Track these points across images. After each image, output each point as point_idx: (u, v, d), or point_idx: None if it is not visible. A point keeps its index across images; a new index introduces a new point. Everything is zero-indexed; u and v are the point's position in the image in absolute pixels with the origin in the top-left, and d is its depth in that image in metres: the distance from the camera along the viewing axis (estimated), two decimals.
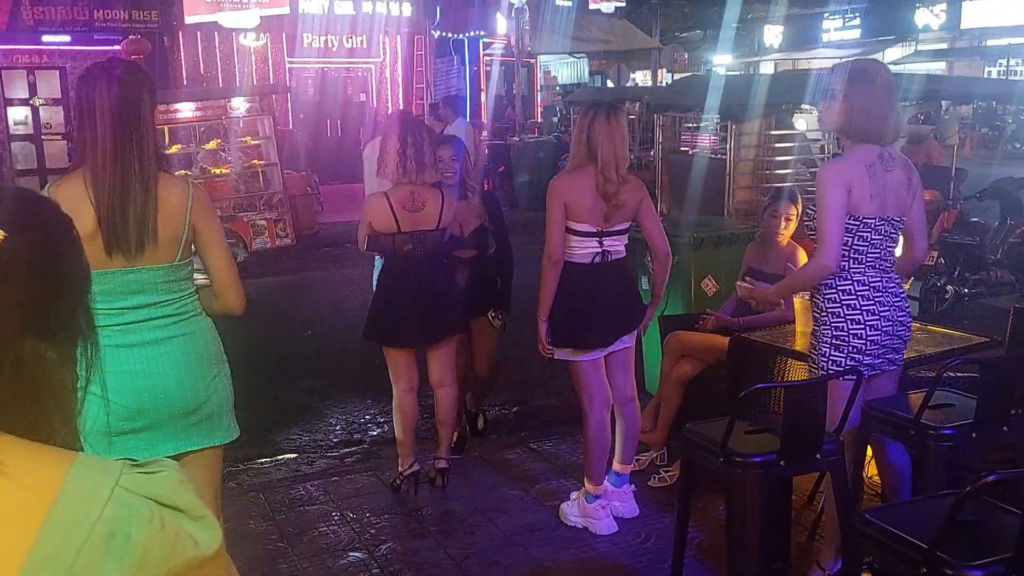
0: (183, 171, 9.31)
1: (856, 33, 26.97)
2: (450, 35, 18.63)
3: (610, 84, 26.45)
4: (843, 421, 3.07)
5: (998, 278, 7.69)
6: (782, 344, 3.86)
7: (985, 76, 22.62)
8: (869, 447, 3.37)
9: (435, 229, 4.07)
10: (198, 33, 15.24)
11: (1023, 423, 3.09)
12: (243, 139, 10.79)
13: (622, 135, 3.67)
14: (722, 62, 28.88)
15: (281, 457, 4.96)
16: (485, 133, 17.01)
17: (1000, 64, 24.64)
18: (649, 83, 23.50)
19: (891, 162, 3.07)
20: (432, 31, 17.99)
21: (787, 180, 6.98)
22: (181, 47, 15.20)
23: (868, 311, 3.06)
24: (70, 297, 0.92)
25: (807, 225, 3.38)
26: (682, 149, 9.60)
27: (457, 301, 4.25)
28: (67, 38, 14.44)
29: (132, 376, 2.36)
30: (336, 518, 4.03)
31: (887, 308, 3.10)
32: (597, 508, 3.84)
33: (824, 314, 3.11)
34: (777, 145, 7.36)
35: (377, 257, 4.34)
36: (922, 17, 24.84)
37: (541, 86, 23.63)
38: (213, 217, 2.55)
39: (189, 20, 14.84)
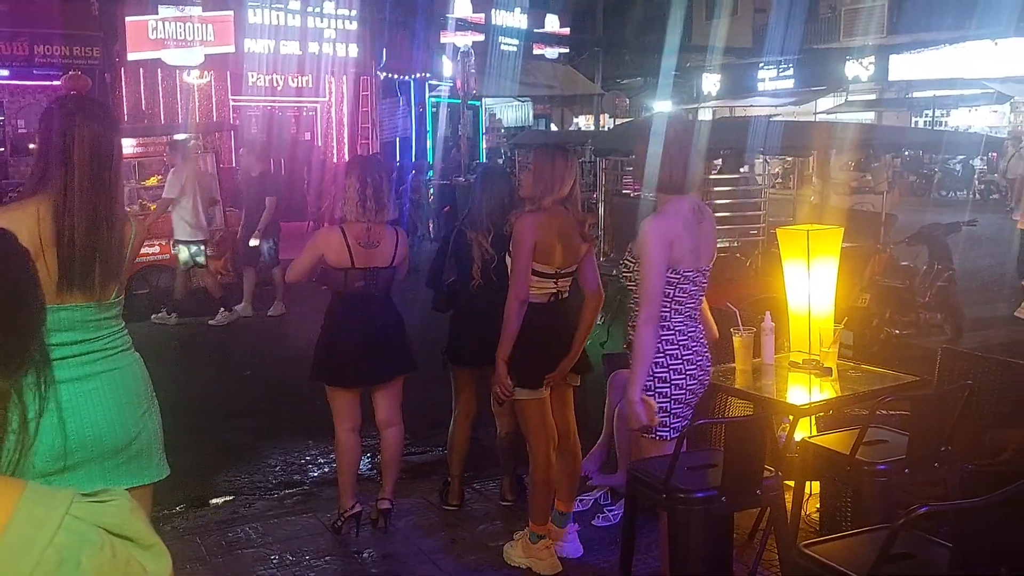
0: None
1: (790, 83, 27.90)
2: (396, 76, 18.75)
3: (554, 127, 26.88)
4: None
5: (927, 320, 7.93)
6: (723, 382, 3.93)
7: (913, 126, 23.53)
8: (806, 484, 3.44)
9: (388, 266, 4.07)
10: (141, 70, 15.09)
11: (953, 459, 3.19)
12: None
13: (577, 178, 3.76)
14: (662, 108, 29.52)
15: (218, 499, 4.86)
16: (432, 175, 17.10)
17: (926, 115, 25.67)
18: (592, 127, 23.93)
19: (701, 214, 3.17)
20: (378, 72, 18.09)
21: (727, 222, 7.15)
22: (123, 84, 15.02)
23: (688, 360, 3.15)
24: (24, 329, 0.92)
25: (626, 276, 3.44)
26: (624, 192, 9.76)
27: (406, 340, 4.24)
28: (5, 72, 14.18)
29: (59, 414, 2.30)
30: (274, 561, 3.95)
31: (700, 357, 3.20)
32: (541, 548, 3.83)
33: (654, 367, 3.13)
34: (716, 189, 7.55)
35: None
36: (852, 69, 25.81)
37: (486, 128, 23.88)
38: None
39: (132, 57, 14.70)
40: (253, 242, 9.07)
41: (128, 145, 10.65)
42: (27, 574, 0.78)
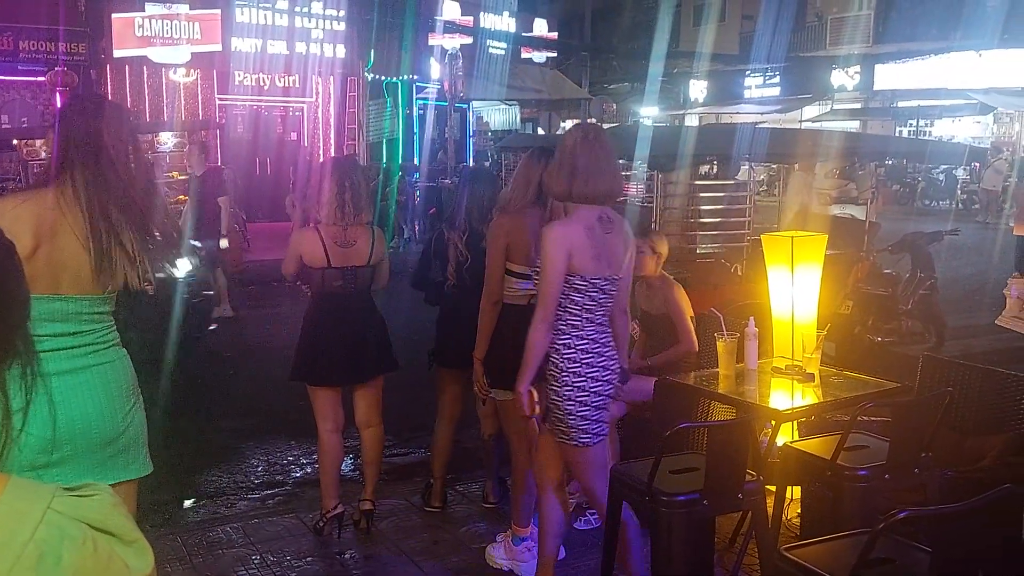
0: None
1: (776, 91, 28.03)
2: (383, 78, 18.73)
3: (541, 131, 26.91)
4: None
5: (909, 328, 7.99)
6: (706, 387, 3.95)
7: (897, 135, 23.71)
8: (789, 488, 3.46)
9: (365, 265, 4.07)
10: (127, 67, 15.02)
11: (933, 465, 3.22)
12: (170, 173, 10.64)
13: None
14: (649, 114, 29.67)
15: (200, 499, 4.83)
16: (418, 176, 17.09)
17: (910, 124, 25.87)
18: None
19: (610, 224, 3.16)
20: (365, 73, 18.07)
21: (713, 228, 7.19)
22: (108, 80, 14.94)
23: (603, 367, 3.16)
24: (8, 320, 0.92)
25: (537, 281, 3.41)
26: None
27: (386, 340, 4.23)
28: None
29: (49, 406, 2.30)
30: (256, 561, 3.93)
31: (612, 362, 3.21)
32: (523, 550, 3.83)
33: (564, 373, 3.14)
34: (703, 195, 7.59)
35: None
36: (838, 78, 25.97)
37: (473, 131, 23.90)
38: None
39: (118, 54, 14.62)
40: (223, 243, 8.95)
41: None
42: (7, 569, 0.78)
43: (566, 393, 3.12)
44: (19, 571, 0.78)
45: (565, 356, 3.12)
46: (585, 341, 3.13)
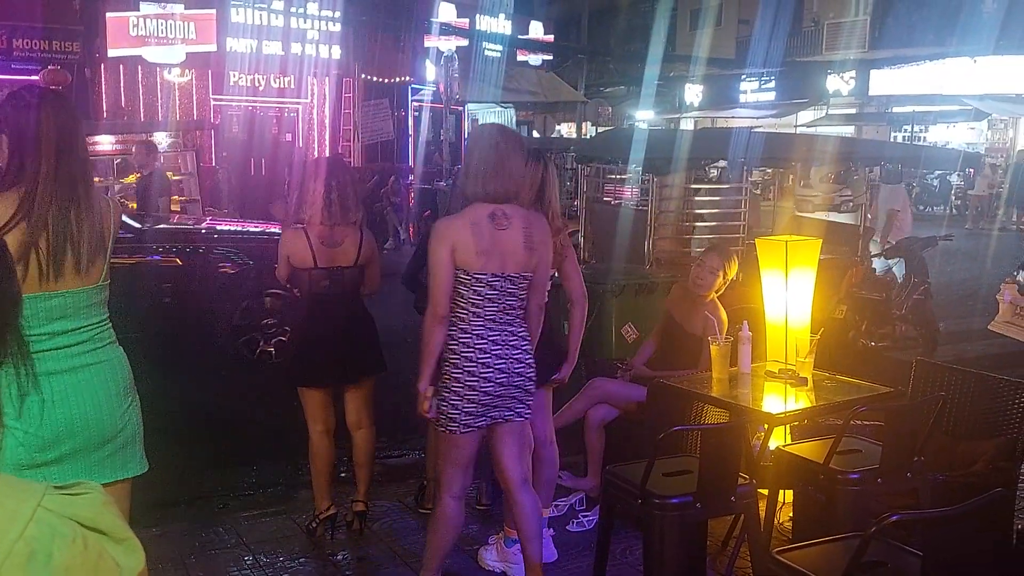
0: None
1: (771, 95, 28.11)
2: (379, 79, 18.72)
3: (536, 135, 26.95)
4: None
5: (903, 332, 8.01)
6: (699, 390, 3.95)
7: (892, 140, 23.78)
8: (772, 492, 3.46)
9: (352, 266, 4.06)
10: (121, 66, 14.97)
11: (925, 469, 3.23)
12: (165, 174, 10.58)
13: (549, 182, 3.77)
14: (644, 117, 29.71)
15: (192, 500, 4.82)
16: (413, 178, 17.08)
17: (905, 129, 25.96)
18: (574, 135, 24.00)
19: (505, 220, 3.16)
20: (361, 75, 18.06)
21: (708, 232, 7.20)
22: (102, 79, 14.90)
23: (485, 363, 3.16)
24: (1, 318, 0.91)
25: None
26: (605, 199, 9.80)
27: (375, 341, 4.23)
28: None
29: (48, 405, 2.31)
30: (248, 562, 3.92)
31: (504, 361, 3.20)
32: (515, 552, 3.82)
33: (449, 366, 3.18)
34: (697, 198, 7.59)
35: None
36: (833, 83, 26.05)
37: (468, 133, 23.90)
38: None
39: (112, 53, 14.58)
40: None
41: (107, 142, 10.58)
42: None
43: (444, 382, 3.19)
44: (9, 569, 0.78)
45: (449, 348, 3.18)
46: (469, 336, 3.16)
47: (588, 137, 19.29)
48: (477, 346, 3.15)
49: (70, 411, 2.34)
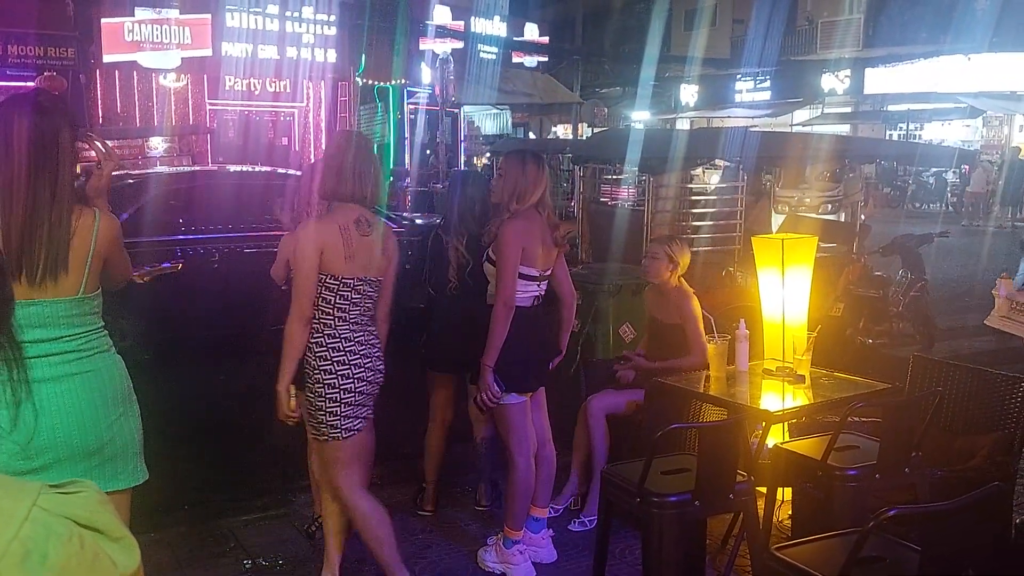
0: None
1: (767, 95, 28.14)
2: (374, 82, 18.73)
3: (532, 136, 26.96)
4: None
5: (900, 330, 8.02)
6: (697, 388, 3.95)
7: (887, 139, 23.81)
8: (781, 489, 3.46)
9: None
10: (116, 72, 14.97)
11: (923, 465, 3.23)
12: None
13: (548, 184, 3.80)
14: (640, 118, 29.74)
15: (190, 504, 4.80)
16: (409, 181, 17.08)
17: (900, 128, 26.00)
18: (570, 136, 24.00)
19: (368, 227, 3.25)
20: (356, 78, 18.07)
21: (705, 232, 7.20)
22: (98, 85, 14.90)
23: (355, 365, 3.24)
24: None
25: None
26: (602, 200, 9.80)
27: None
28: None
29: (33, 411, 2.28)
30: (247, 566, 3.92)
31: (369, 360, 3.29)
32: (515, 553, 3.83)
33: (316, 371, 3.24)
34: (694, 198, 7.59)
35: None
36: (828, 82, 26.09)
37: (464, 135, 23.90)
38: (120, 245, 2.53)
39: (107, 59, 14.58)
40: None
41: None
42: None
43: (318, 390, 3.24)
44: (5, 568, 0.78)
45: (317, 354, 3.23)
46: (337, 340, 3.22)
47: (584, 138, 19.29)
48: (347, 349, 3.23)
49: (51, 421, 2.30)
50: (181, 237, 7.32)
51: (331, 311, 3.21)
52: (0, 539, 0.79)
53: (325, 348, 3.22)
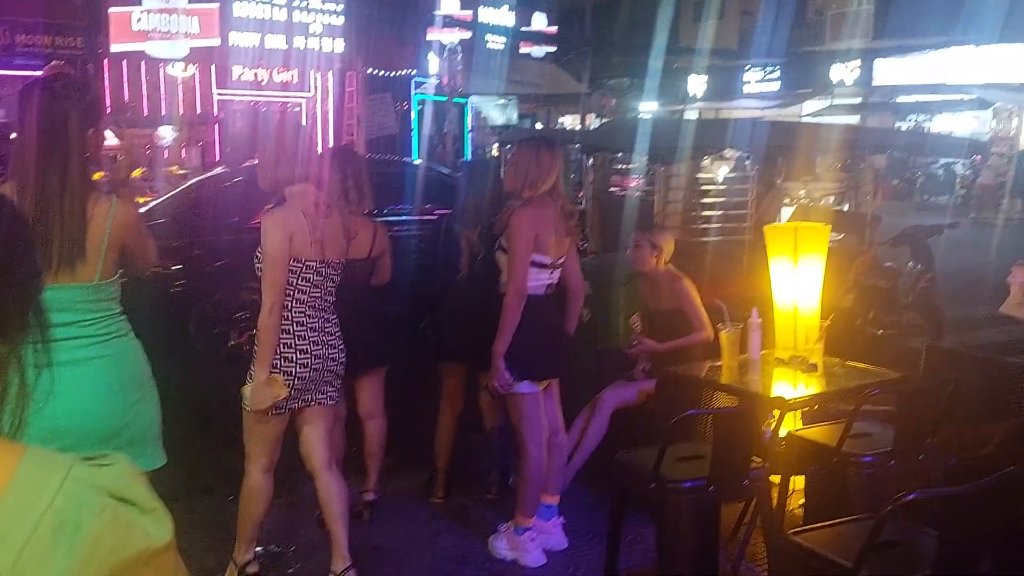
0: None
1: (775, 86, 28.01)
2: (382, 72, 18.70)
3: (539, 127, 26.88)
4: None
5: (910, 320, 7.98)
6: (710, 377, 3.95)
7: (896, 130, 23.68)
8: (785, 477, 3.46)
9: (366, 258, 4.06)
10: (124, 61, 14.97)
11: (937, 451, 3.22)
12: (169, 168, 10.62)
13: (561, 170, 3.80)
14: (648, 109, 29.62)
15: (202, 491, 4.81)
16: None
17: (910, 119, 25.85)
18: (578, 127, 23.93)
19: (326, 208, 3.26)
20: (364, 68, 18.03)
21: (715, 221, 7.19)
22: (105, 75, 14.90)
23: (302, 349, 3.23)
24: (21, 290, 0.91)
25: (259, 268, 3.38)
26: (611, 190, 9.79)
27: (388, 332, 4.23)
28: None
29: (48, 397, 2.28)
30: (259, 552, 3.92)
31: (320, 347, 3.28)
32: (526, 540, 3.83)
33: (275, 356, 3.21)
34: (704, 188, 7.58)
35: None
36: (837, 72, 25.95)
37: (472, 126, 23.86)
38: (139, 233, 2.52)
39: (115, 48, 14.58)
40: None
41: (111, 137, 10.56)
42: (26, 538, 0.77)
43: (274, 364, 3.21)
44: (37, 540, 0.78)
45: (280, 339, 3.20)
46: (289, 323, 3.21)
47: (592, 128, 19.24)
48: (296, 332, 3.22)
49: (69, 404, 2.29)
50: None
51: (290, 293, 3.20)
52: (34, 511, 0.79)
53: (285, 333, 3.20)
